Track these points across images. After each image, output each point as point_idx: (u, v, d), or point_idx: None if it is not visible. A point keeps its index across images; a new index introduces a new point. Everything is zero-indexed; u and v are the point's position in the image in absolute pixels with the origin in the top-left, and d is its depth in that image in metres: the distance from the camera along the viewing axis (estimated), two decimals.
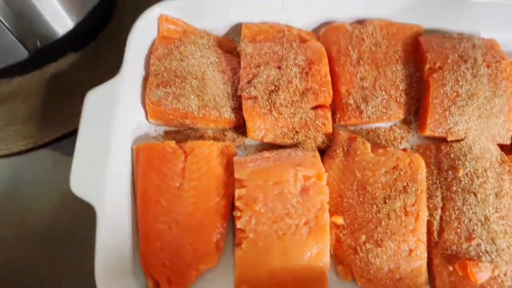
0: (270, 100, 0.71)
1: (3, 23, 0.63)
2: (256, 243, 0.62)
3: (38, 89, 0.82)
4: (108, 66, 0.85)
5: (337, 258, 0.66)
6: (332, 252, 0.66)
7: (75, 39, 0.82)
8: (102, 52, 0.86)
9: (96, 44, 0.87)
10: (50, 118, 0.80)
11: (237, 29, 0.81)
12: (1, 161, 0.77)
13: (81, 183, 0.62)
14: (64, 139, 0.79)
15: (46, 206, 0.75)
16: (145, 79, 0.75)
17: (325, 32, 0.79)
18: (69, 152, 0.76)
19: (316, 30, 0.82)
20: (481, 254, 0.62)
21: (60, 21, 0.75)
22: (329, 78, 0.72)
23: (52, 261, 0.71)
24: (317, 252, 0.63)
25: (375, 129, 0.76)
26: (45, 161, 0.78)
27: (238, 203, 0.64)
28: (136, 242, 0.65)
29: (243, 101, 0.71)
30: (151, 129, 0.75)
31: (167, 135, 0.75)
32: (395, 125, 0.76)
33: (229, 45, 0.82)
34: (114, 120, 0.67)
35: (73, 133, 0.79)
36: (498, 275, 0.61)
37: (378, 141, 0.75)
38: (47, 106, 0.81)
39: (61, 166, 0.78)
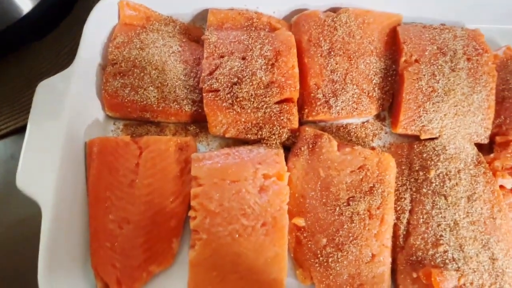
0: (232, 93, 0.66)
1: None
2: (210, 245, 0.59)
3: None
4: (71, 54, 0.81)
5: (297, 261, 0.62)
6: (292, 255, 0.63)
7: (36, 25, 0.78)
8: (64, 39, 0.82)
9: (57, 32, 0.83)
10: (8, 109, 0.77)
11: (204, 15, 0.76)
12: None
13: (27, 179, 0.59)
14: (22, 131, 0.76)
15: (3, 200, 0.72)
16: (103, 68, 0.71)
17: (296, 20, 0.74)
18: None
19: (288, 18, 0.77)
20: (447, 261, 0.58)
21: (17, 3, 0.71)
22: (296, 70, 0.68)
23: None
24: (274, 255, 0.59)
25: (346, 125, 0.72)
26: (2, 153, 0.75)
27: (193, 203, 0.61)
28: (88, 242, 0.63)
29: (203, 94, 0.67)
30: (109, 122, 0.72)
31: (126, 128, 0.71)
32: (367, 121, 0.72)
33: (196, 33, 0.78)
34: (66, 113, 0.63)
35: None
36: (464, 284, 0.57)
37: (349, 138, 0.71)
38: (5, 96, 0.78)
39: (19, 159, 0.74)
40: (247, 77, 0.67)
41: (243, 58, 0.69)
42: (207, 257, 0.59)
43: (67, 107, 0.63)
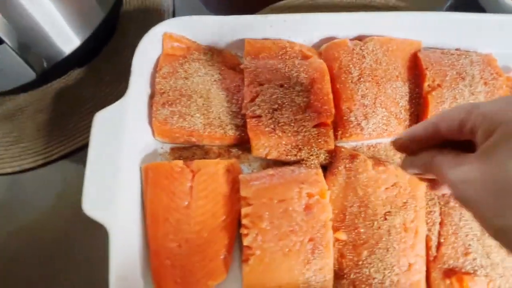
0: (273, 119, 0.73)
1: (9, 46, 0.64)
2: (263, 260, 0.65)
3: (43, 106, 0.83)
4: (112, 80, 0.86)
5: (341, 272, 0.69)
6: (336, 266, 0.69)
7: (80, 56, 0.82)
8: (105, 66, 0.87)
9: (99, 59, 0.88)
10: (57, 134, 0.81)
11: (239, 44, 0.82)
12: (11, 178, 0.79)
13: (93, 204, 0.64)
14: (72, 155, 0.81)
15: (56, 221, 0.77)
16: (151, 97, 0.77)
17: (326, 48, 0.81)
18: (78, 167, 0.78)
19: (317, 46, 0.84)
20: (476, 268, 0.65)
21: (67, 40, 0.76)
22: (331, 96, 0.74)
23: (61, 276, 0.73)
24: (321, 268, 0.65)
25: (375, 145, 0.78)
26: (54, 177, 0.79)
27: (244, 221, 0.67)
28: (145, 260, 0.68)
29: (247, 120, 0.73)
30: (157, 146, 0.77)
31: (173, 152, 0.77)
32: None
33: (232, 60, 0.83)
34: (123, 140, 0.68)
35: (81, 148, 0.81)
36: None
37: (378, 156, 0.78)
38: (53, 122, 0.82)
39: (71, 182, 0.79)
40: (286, 103, 0.73)
41: (281, 86, 0.75)
42: (260, 270, 0.65)
43: (123, 134, 0.69)
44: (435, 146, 0.45)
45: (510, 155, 0.33)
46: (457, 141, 0.42)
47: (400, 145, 0.50)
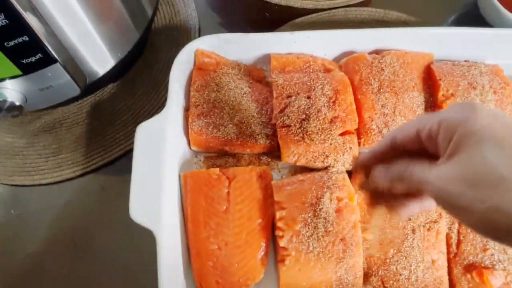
0: (302, 128, 0.78)
1: (61, 64, 0.69)
2: (298, 260, 0.70)
3: (80, 119, 0.88)
4: (144, 95, 0.91)
5: (370, 270, 0.74)
6: (364, 264, 0.74)
7: (116, 73, 0.87)
8: (138, 81, 0.92)
9: (132, 74, 0.93)
10: (95, 145, 0.86)
11: (263, 59, 0.88)
12: (52, 187, 0.83)
13: (139, 211, 0.68)
14: (109, 165, 0.85)
15: (98, 227, 0.81)
16: (186, 109, 0.82)
17: (347, 62, 0.87)
18: (115, 177, 0.83)
19: (337, 59, 0.90)
20: (494, 262, 0.71)
21: (104, 59, 0.81)
22: (354, 106, 0.80)
23: (98, 280, 0.78)
24: (352, 266, 0.70)
25: None
26: (93, 186, 0.84)
27: (279, 224, 0.72)
28: (187, 262, 0.72)
29: (277, 129, 0.78)
30: (192, 155, 0.82)
31: (207, 160, 0.82)
32: None
33: (258, 74, 0.89)
34: (164, 151, 0.73)
35: (118, 159, 0.86)
36: (511, 281, 0.70)
37: None
38: (90, 134, 0.87)
39: (108, 190, 0.84)
40: (313, 113, 0.79)
41: (308, 97, 0.81)
42: (296, 270, 0.70)
43: (164, 144, 0.74)
44: (400, 158, 0.49)
45: (473, 151, 0.39)
46: (418, 153, 0.47)
47: (362, 161, 0.55)
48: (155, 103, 0.91)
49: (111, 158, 0.85)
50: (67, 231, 0.80)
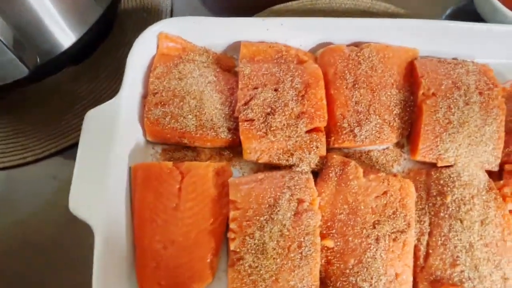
0: (266, 123, 0.72)
1: (3, 43, 0.64)
2: (249, 265, 0.65)
3: (37, 102, 0.83)
4: (108, 78, 0.86)
5: (327, 280, 0.68)
6: (322, 274, 0.68)
7: (76, 53, 0.82)
8: (101, 64, 0.87)
9: (95, 56, 0.88)
10: (50, 131, 0.81)
11: (235, 46, 0.82)
12: (0, 173, 0.79)
13: (79, 203, 0.64)
14: (64, 152, 0.81)
15: (46, 219, 0.76)
16: (144, 97, 0.77)
17: (322, 53, 0.80)
18: (69, 165, 0.78)
19: (313, 50, 0.83)
20: (464, 280, 0.65)
21: (63, 36, 0.76)
22: (324, 102, 0.74)
23: (48, 273, 0.73)
24: (307, 275, 0.65)
25: (368, 152, 0.78)
26: (45, 174, 0.79)
27: (232, 225, 0.66)
28: (134, 261, 0.68)
29: (239, 123, 0.72)
30: (148, 146, 0.77)
31: (165, 153, 0.76)
32: (387, 148, 0.78)
33: (228, 62, 0.83)
34: (113, 140, 0.68)
35: (73, 146, 0.81)
36: None
37: (371, 163, 0.77)
38: (46, 119, 0.82)
39: (61, 180, 0.79)
40: (279, 108, 0.73)
41: (276, 90, 0.75)
42: (246, 275, 0.64)
43: (114, 134, 0.69)
44: None
45: None
46: None
47: None
48: (118, 87, 0.85)
49: (67, 145, 0.80)
50: (14, 226, 0.76)
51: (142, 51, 0.76)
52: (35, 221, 0.75)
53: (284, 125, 0.72)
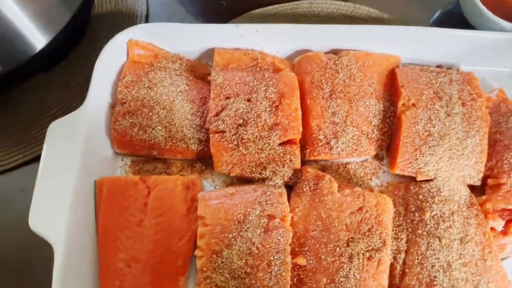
0: (237, 135, 0.69)
1: None
2: (216, 284, 0.62)
3: (4, 111, 0.81)
4: (79, 86, 0.83)
5: None
6: None
7: (46, 59, 0.79)
8: (72, 72, 0.84)
9: (66, 63, 0.85)
10: (18, 141, 0.78)
11: (210, 53, 0.79)
12: None
13: (39, 219, 0.61)
14: (32, 163, 0.78)
15: (12, 233, 0.74)
16: (113, 107, 0.74)
17: (299, 61, 0.77)
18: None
19: (291, 58, 0.80)
20: None
21: (31, 40, 0.73)
22: (299, 113, 0.71)
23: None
24: None
25: (345, 164, 0.74)
26: (12, 186, 0.77)
27: (199, 242, 0.64)
28: (97, 281, 0.65)
29: (210, 135, 0.70)
30: (117, 158, 0.74)
31: (134, 165, 0.74)
32: (366, 160, 0.75)
33: (202, 70, 0.80)
34: (78, 152, 0.65)
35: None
36: None
37: (349, 176, 0.74)
38: (13, 129, 0.79)
39: (29, 192, 0.76)
40: (252, 119, 0.70)
41: (249, 100, 0.72)
42: None
43: (78, 146, 0.66)
44: None
45: None
46: None
47: None
48: None
49: (34, 156, 0.78)
50: None
51: (110, 59, 0.73)
52: (1, 234, 0.73)
53: (256, 137, 0.69)
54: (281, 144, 0.70)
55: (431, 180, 0.70)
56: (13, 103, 0.81)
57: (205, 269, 0.63)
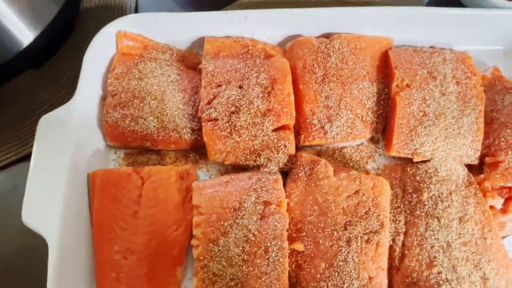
0: (230, 122, 0.68)
1: None
2: (214, 273, 0.61)
3: None
4: (70, 81, 0.83)
5: (297, 286, 0.64)
6: (293, 279, 0.65)
7: (35, 55, 0.79)
8: (63, 66, 0.84)
9: (56, 59, 0.84)
10: (10, 138, 0.78)
11: (200, 42, 0.78)
12: None
13: (32, 214, 0.61)
14: (25, 160, 0.77)
15: (6, 230, 0.73)
16: (103, 99, 0.73)
17: (291, 46, 0.76)
18: None
19: (282, 43, 0.79)
20: (441, 282, 0.61)
21: (19, 35, 0.72)
22: (292, 98, 0.70)
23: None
24: (275, 281, 0.61)
25: (341, 149, 0.74)
26: (5, 183, 0.76)
27: (195, 231, 0.63)
28: (93, 273, 0.64)
29: (202, 123, 0.69)
30: (110, 151, 0.73)
31: (127, 157, 0.73)
32: (362, 144, 0.74)
33: (193, 59, 0.79)
34: (69, 146, 0.65)
35: None
36: None
37: (345, 161, 0.73)
38: (6, 126, 0.79)
39: (23, 189, 0.75)
40: (244, 106, 0.69)
41: (240, 87, 0.71)
42: (211, 284, 0.61)
43: (70, 139, 0.65)
44: None
45: None
46: None
47: None
48: None
49: (27, 152, 0.77)
50: None
51: (100, 51, 0.72)
52: None
53: (249, 124, 0.68)
54: (274, 130, 0.69)
55: (428, 160, 0.69)
56: (4, 101, 0.80)
57: (202, 258, 0.62)
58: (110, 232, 0.63)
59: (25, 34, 0.73)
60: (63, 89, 0.82)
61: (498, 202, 0.67)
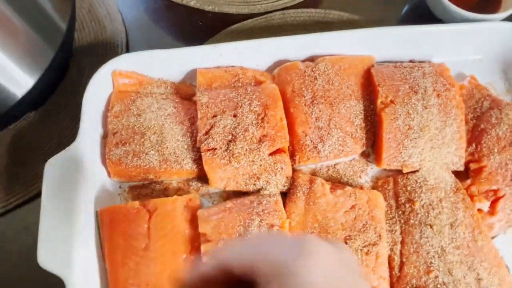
0: (228, 150, 0.72)
1: None
2: None
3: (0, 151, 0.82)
4: (68, 119, 0.85)
5: None
6: None
7: (34, 98, 0.81)
8: (61, 107, 0.86)
9: (54, 99, 0.87)
10: (16, 181, 0.80)
11: (193, 74, 0.82)
12: None
13: (48, 257, 0.63)
14: (32, 200, 0.80)
15: (18, 270, 0.75)
16: (104, 137, 0.76)
17: (278, 72, 0.80)
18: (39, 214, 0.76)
19: (270, 69, 0.83)
20: (439, 286, 0.65)
21: (18, 83, 0.75)
22: (284, 122, 0.74)
23: None
24: None
25: (334, 165, 0.78)
26: (15, 225, 0.78)
27: (205, 259, 0.66)
28: None
29: (202, 153, 0.72)
30: (115, 186, 0.76)
31: (132, 190, 0.76)
32: (354, 159, 0.78)
33: (187, 90, 0.83)
34: (77, 186, 0.68)
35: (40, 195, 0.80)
36: None
37: (339, 176, 0.77)
38: (10, 169, 0.81)
39: (33, 230, 0.77)
40: (240, 133, 0.73)
41: (235, 115, 0.74)
42: None
43: (76, 180, 0.68)
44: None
45: None
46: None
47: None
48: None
49: (35, 193, 0.79)
50: None
51: (97, 92, 0.75)
52: (4, 278, 0.74)
53: (246, 150, 0.72)
54: (271, 154, 0.73)
55: (417, 171, 0.74)
56: (6, 145, 0.83)
57: None
58: (124, 267, 0.66)
59: (24, 81, 0.76)
60: (63, 130, 0.84)
61: (485, 205, 0.71)
